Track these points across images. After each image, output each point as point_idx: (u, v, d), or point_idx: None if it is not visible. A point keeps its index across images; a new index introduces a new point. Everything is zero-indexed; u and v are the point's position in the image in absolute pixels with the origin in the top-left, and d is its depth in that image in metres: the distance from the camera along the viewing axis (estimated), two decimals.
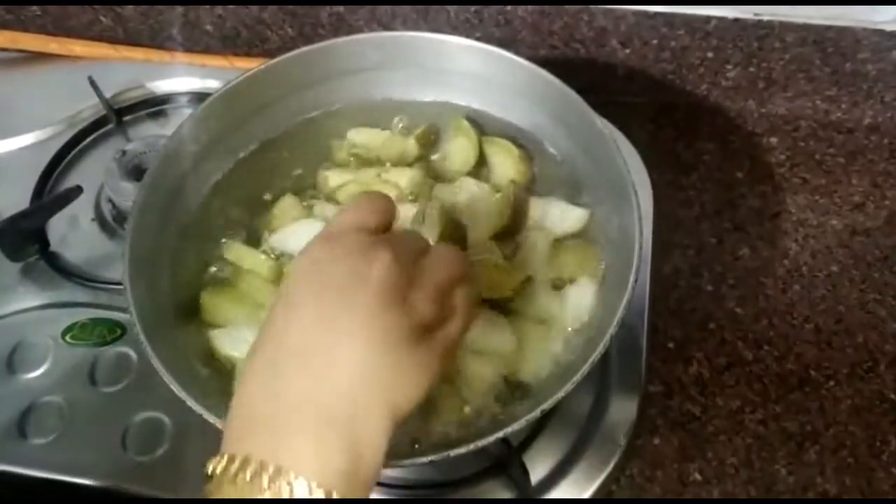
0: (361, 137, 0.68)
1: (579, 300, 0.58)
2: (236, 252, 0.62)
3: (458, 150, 0.67)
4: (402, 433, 0.52)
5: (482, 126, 0.68)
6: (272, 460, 0.36)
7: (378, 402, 0.38)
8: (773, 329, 0.72)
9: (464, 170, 0.66)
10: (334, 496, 0.36)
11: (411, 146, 0.67)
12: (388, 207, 0.45)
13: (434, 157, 0.68)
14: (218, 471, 0.37)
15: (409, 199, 0.64)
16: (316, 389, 0.38)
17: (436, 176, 0.66)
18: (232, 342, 0.58)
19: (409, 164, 0.66)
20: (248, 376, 0.40)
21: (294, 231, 0.63)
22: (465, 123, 0.67)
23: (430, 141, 0.68)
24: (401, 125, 0.69)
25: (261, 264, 0.61)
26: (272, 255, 0.62)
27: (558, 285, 0.59)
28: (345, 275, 0.40)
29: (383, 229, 0.44)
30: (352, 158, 0.68)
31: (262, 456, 0.36)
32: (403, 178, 0.65)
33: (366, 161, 0.67)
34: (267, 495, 0.35)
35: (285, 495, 0.35)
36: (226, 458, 0.37)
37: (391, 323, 0.39)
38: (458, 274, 0.44)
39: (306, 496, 0.35)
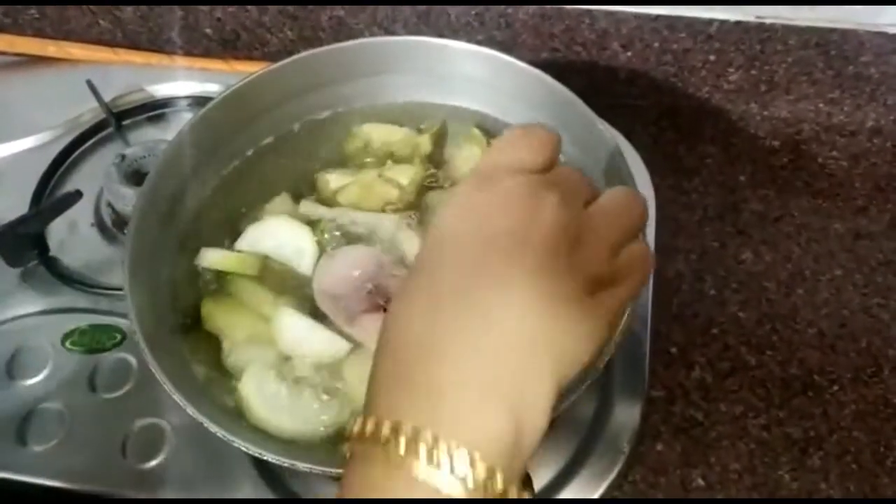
0: (378, 132, 0.68)
1: None
2: (210, 258, 0.61)
3: (466, 158, 0.66)
4: None
5: (489, 132, 0.68)
6: (429, 426, 0.31)
7: (544, 366, 0.33)
8: (777, 334, 0.72)
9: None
10: (497, 473, 0.31)
11: (425, 143, 0.67)
12: (549, 141, 0.38)
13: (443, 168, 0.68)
14: (366, 433, 0.32)
15: (390, 208, 0.64)
16: (478, 347, 0.33)
17: (439, 181, 0.66)
18: (236, 359, 0.58)
19: (413, 162, 0.66)
20: (394, 329, 0.35)
21: (263, 229, 0.63)
22: (477, 132, 0.67)
23: (443, 141, 0.68)
24: (421, 125, 0.69)
25: (241, 264, 0.61)
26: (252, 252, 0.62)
27: None
28: (506, 220, 0.34)
29: (545, 169, 0.38)
30: (362, 152, 0.68)
31: (417, 421, 0.31)
32: (405, 177, 0.64)
33: (375, 155, 0.67)
34: (421, 469, 0.30)
35: (444, 468, 0.30)
36: (373, 421, 0.32)
37: (560, 277, 0.34)
38: (632, 227, 0.38)
39: (466, 469, 0.30)
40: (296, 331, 0.58)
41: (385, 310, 0.56)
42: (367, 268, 0.59)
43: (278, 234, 0.62)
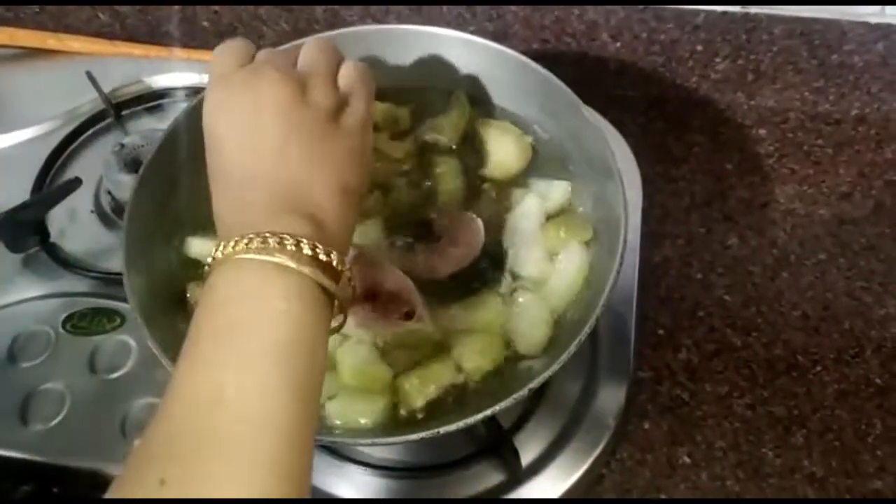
0: None
1: (571, 264, 0.59)
2: (195, 247, 0.62)
3: (448, 123, 0.67)
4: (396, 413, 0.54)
5: (482, 108, 0.69)
6: (270, 234, 0.42)
7: (323, 181, 0.46)
8: (762, 316, 0.73)
9: (450, 144, 0.67)
10: (333, 256, 0.43)
11: (404, 116, 0.68)
12: (246, 44, 0.50)
13: (425, 130, 0.68)
14: (228, 250, 0.42)
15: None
16: (275, 186, 0.45)
17: (424, 147, 0.67)
18: None
19: (402, 134, 0.68)
20: (218, 199, 0.46)
21: None
22: (464, 98, 0.68)
23: (422, 112, 0.69)
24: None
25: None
26: None
27: (552, 257, 0.60)
28: (248, 99, 0.46)
29: (249, 62, 0.49)
30: None
31: (261, 232, 0.42)
32: (399, 151, 0.66)
33: None
34: (278, 257, 0.41)
35: (292, 252, 0.41)
36: (231, 240, 0.42)
37: (302, 118, 0.46)
38: (334, 58, 0.50)
39: (310, 254, 0.42)
40: None
41: (367, 299, 0.57)
42: None
43: None
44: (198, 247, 0.62)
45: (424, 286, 0.58)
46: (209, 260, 0.44)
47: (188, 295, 0.60)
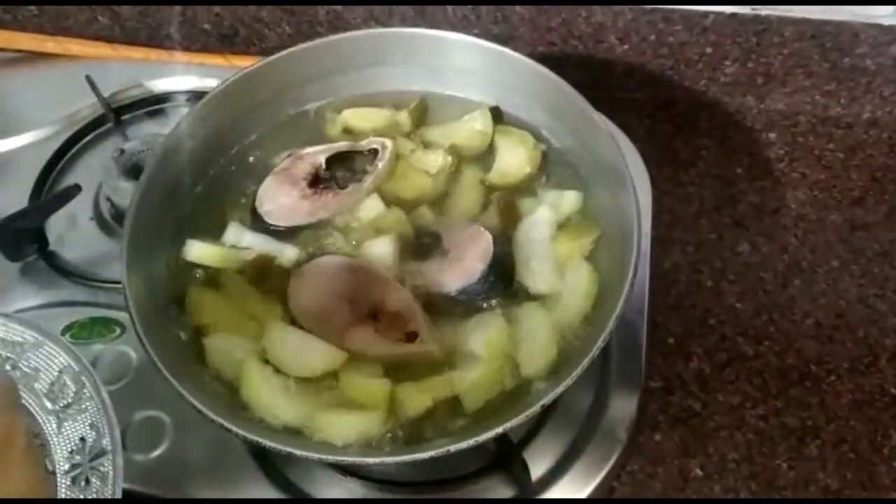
0: (357, 116, 0.68)
1: (582, 278, 0.58)
2: (197, 252, 0.61)
3: (472, 133, 0.67)
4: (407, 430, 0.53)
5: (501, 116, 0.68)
6: None
7: None
8: (774, 324, 0.72)
9: (471, 155, 0.67)
10: None
11: (404, 120, 0.68)
12: None
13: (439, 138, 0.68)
14: None
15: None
16: None
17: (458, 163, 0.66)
18: (220, 354, 0.57)
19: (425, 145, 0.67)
20: None
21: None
22: (488, 113, 0.67)
23: (423, 115, 0.68)
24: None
25: (224, 258, 0.61)
26: (236, 247, 0.62)
27: (562, 271, 0.59)
28: None
29: None
30: (342, 135, 0.68)
31: None
32: (433, 167, 0.65)
33: (359, 135, 0.68)
34: None
35: None
36: None
37: None
38: None
39: None
40: (289, 345, 0.57)
41: (373, 318, 0.56)
42: (342, 281, 0.58)
43: None
44: (197, 250, 0.61)
45: (432, 301, 0.56)
46: None
47: (187, 299, 0.59)
